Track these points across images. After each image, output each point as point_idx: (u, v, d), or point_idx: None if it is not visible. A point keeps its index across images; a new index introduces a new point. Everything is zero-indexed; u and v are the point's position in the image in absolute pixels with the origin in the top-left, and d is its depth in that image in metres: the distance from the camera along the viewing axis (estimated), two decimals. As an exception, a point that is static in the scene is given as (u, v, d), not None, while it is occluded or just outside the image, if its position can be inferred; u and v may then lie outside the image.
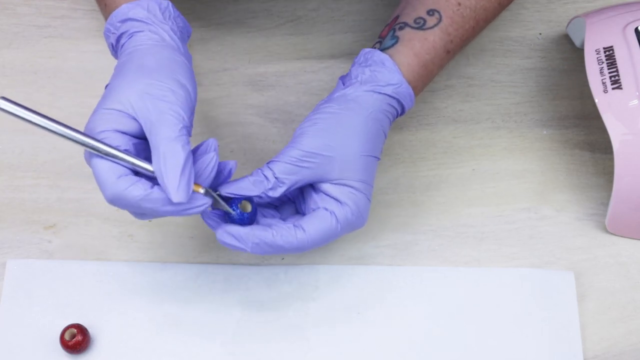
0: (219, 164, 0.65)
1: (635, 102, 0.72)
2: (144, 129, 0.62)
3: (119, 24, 0.69)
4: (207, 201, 0.62)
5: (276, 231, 0.64)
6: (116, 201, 0.61)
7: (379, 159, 0.69)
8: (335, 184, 0.66)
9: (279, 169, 0.66)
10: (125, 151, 0.61)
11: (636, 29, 0.75)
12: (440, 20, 0.72)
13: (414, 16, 0.73)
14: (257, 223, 0.67)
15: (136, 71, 0.64)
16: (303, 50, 0.85)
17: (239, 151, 0.79)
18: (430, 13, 0.73)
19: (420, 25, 0.72)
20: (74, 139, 0.61)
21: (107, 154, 0.61)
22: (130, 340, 0.70)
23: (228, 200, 0.65)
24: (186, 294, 0.72)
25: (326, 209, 0.66)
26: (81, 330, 0.69)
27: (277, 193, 0.65)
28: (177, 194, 0.60)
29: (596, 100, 0.73)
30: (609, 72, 0.73)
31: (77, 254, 0.74)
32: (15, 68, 0.83)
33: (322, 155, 0.66)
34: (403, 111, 0.72)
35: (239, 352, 0.70)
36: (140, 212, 0.63)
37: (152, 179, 0.62)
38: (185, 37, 0.71)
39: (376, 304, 0.72)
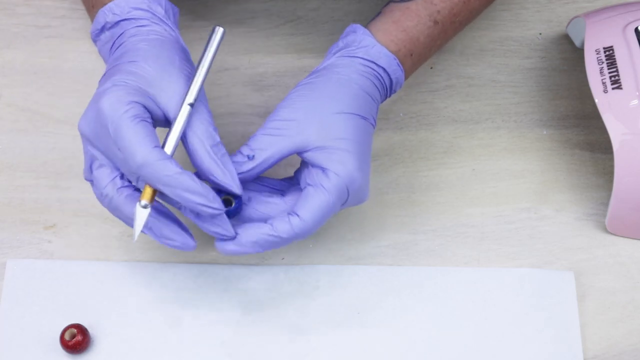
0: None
1: (635, 102, 0.72)
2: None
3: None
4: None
5: (272, 226, 0.64)
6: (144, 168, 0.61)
7: (368, 120, 0.68)
8: (316, 150, 0.65)
9: (255, 141, 0.66)
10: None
11: (636, 29, 0.75)
12: None
13: None
14: (251, 218, 0.66)
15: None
16: (303, 50, 0.85)
17: (239, 151, 0.79)
18: None
19: None
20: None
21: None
22: (130, 340, 0.70)
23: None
24: (186, 294, 0.72)
25: (314, 185, 0.65)
26: (81, 330, 0.69)
27: (249, 166, 0.66)
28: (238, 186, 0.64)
29: (596, 100, 0.73)
30: (609, 72, 0.73)
31: (77, 254, 0.74)
32: (15, 68, 0.83)
33: (294, 121, 0.66)
34: (390, 78, 0.71)
35: (239, 352, 0.70)
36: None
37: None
38: (175, 19, 0.71)
39: (376, 304, 0.72)
